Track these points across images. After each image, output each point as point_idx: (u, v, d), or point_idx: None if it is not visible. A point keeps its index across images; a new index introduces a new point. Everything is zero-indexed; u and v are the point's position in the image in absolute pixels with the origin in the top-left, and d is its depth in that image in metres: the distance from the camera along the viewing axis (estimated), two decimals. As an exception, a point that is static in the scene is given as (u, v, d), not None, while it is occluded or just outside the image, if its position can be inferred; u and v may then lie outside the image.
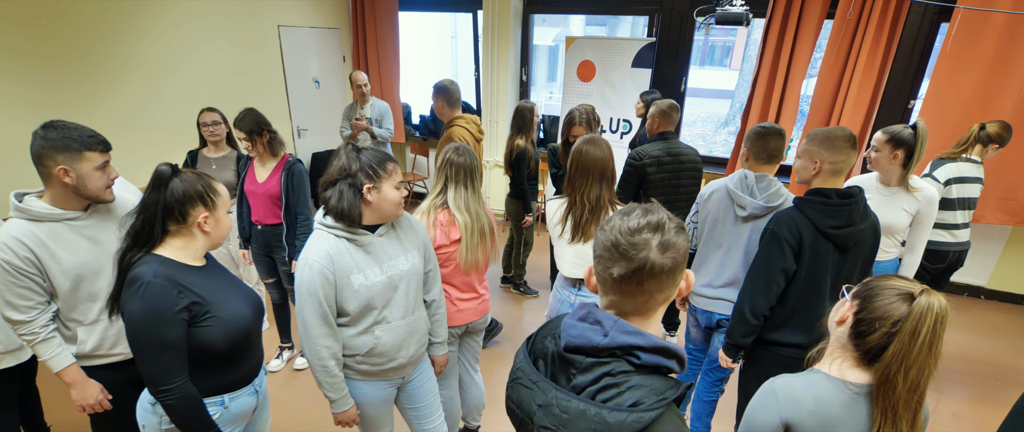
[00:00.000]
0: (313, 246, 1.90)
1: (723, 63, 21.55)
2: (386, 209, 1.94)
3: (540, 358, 1.17)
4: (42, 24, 4.07)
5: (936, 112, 4.52)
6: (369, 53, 6.98)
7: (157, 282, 1.59)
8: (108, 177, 1.98)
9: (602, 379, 1.03)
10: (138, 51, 4.72)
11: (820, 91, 5.00)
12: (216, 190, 1.73)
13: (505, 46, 6.42)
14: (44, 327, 1.98)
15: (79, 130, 1.91)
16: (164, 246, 1.72)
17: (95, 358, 2.13)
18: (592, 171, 2.42)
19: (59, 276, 1.96)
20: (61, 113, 4.21)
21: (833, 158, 2.14)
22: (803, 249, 2.17)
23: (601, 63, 5.80)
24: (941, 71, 4.46)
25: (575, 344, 1.07)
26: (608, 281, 1.09)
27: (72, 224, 1.99)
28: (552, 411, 1.06)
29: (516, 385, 1.17)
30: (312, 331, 1.92)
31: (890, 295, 1.34)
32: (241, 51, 5.68)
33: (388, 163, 1.92)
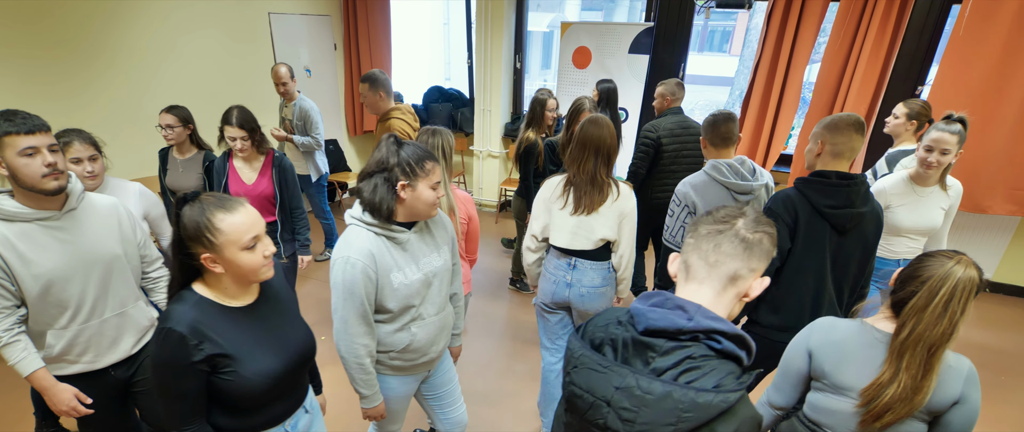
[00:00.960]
0: (354, 244, 1.84)
1: (722, 49, 21.34)
2: (419, 209, 1.89)
3: (605, 345, 1.20)
4: (33, 16, 4.02)
5: (945, 98, 4.37)
6: (360, 40, 6.82)
7: (178, 332, 1.45)
8: (42, 163, 1.76)
9: (683, 362, 1.09)
10: (128, 41, 4.64)
11: (824, 77, 4.84)
12: (214, 227, 1.46)
13: (499, 32, 6.26)
14: (7, 331, 1.86)
15: (5, 115, 1.76)
16: (202, 282, 1.59)
17: (62, 363, 2.02)
18: (588, 146, 2.51)
19: (28, 280, 1.84)
20: (52, 106, 4.20)
21: (834, 140, 2.18)
22: (798, 228, 2.23)
23: (597, 49, 5.65)
24: (951, 55, 4.30)
25: (657, 327, 1.12)
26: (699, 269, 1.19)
27: (44, 225, 1.86)
28: (632, 393, 1.09)
29: (582, 371, 1.19)
30: (351, 329, 1.90)
31: (930, 260, 1.50)
32: (231, 39, 5.56)
33: (427, 162, 1.86)
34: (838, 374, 1.64)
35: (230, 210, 1.49)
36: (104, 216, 2.04)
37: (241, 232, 1.48)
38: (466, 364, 3.84)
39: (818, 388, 1.72)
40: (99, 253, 1.99)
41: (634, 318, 1.18)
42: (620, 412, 1.10)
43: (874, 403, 1.55)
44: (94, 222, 2.00)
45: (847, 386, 1.63)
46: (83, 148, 2.44)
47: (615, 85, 4.56)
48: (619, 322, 1.22)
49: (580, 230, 2.61)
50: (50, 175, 1.79)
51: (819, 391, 1.72)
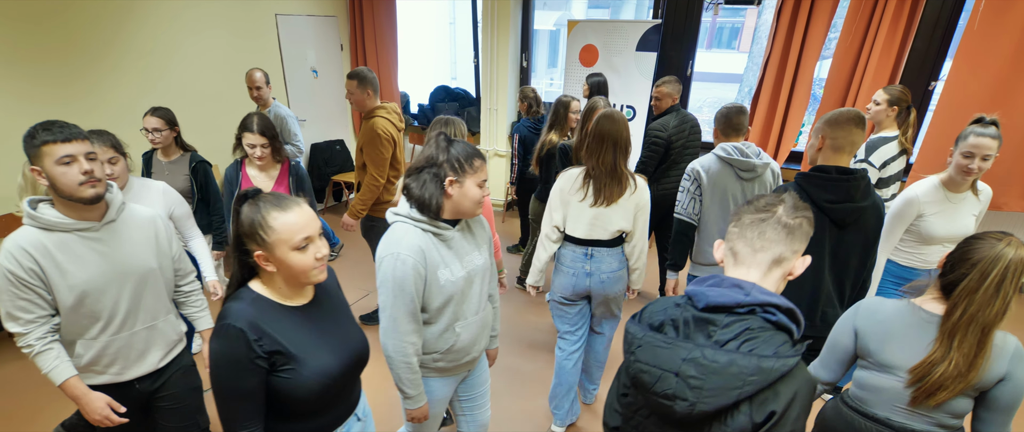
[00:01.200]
0: (403, 240, 1.83)
1: (731, 46, 21.22)
2: (465, 206, 1.89)
3: (666, 325, 1.31)
4: (42, 18, 4.05)
5: (959, 93, 4.29)
6: (367, 41, 6.81)
7: (236, 327, 1.45)
8: (79, 171, 1.76)
9: (743, 333, 1.19)
10: (135, 43, 4.66)
11: (835, 73, 4.78)
12: (267, 225, 1.46)
13: (505, 31, 6.23)
14: (40, 339, 1.85)
15: (44, 125, 1.76)
16: (259, 280, 1.58)
17: (89, 373, 2.00)
18: (607, 140, 2.60)
19: (63, 290, 1.83)
20: (62, 107, 4.24)
21: (834, 135, 2.22)
22: None
23: (604, 47, 5.60)
24: (966, 50, 4.22)
25: (717, 303, 1.23)
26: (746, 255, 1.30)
27: (83, 236, 1.85)
28: (699, 363, 1.19)
29: (647, 349, 1.29)
30: (400, 327, 1.88)
31: (978, 242, 1.55)
32: (238, 40, 5.57)
33: (476, 159, 1.87)
34: (884, 353, 1.71)
35: (285, 209, 1.48)
36: (142, 228, 2.03)
37: (293, 232, 1.47)
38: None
39: (864, 366, 1.79)
40: (135, 266, 1.98)
41: (692, 299, 1.29)
42: (689, 381, 1.20)
43: (925, 380, 1.60)
44: (132, 234, 1.99)
45: (893, 364, 1.69)
46: (102, 150, 2.43)
47: (604, 78, 4.65)
48: (676, 304, 1.33)
49: (598, 221, 2.71)
50: (87, 183, 1.78)
51: (865, 369, 1.78)
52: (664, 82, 4.26)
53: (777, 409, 1.16)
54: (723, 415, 1.20)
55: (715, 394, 1.18)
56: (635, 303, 4.69)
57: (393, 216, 1.91)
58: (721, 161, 2.89)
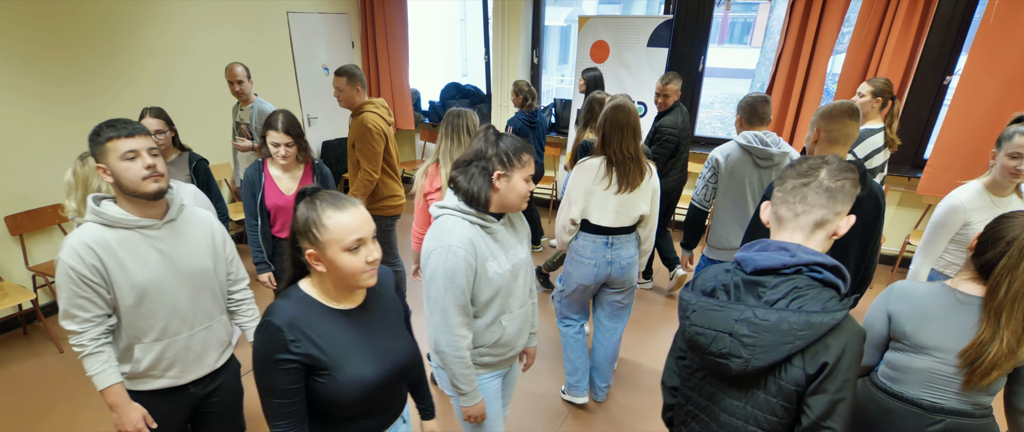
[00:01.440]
0: (453, 232, 1.83)
1: (743, 41, 21.08)
2: (511, 200, 1.89)
3: (717, 290, 1.40)
4: (54, 17, 4.09)
5: (975, 88, 4.26)
6: (378, 38, 6.84)
7: (275, 324, 1.43)
8: (142, 166, 1.77)
9: (791, 292, 1.27)
10: (148, 41, 4.71)
11: (848, 68, 4.74)
12: (320, 224, 1.43)
13: (516, 27, 6.23)
14: (94, 340, 1.84)
15: (108, 122, 1.77)
16: (309, 280, 1.56)
17: (147, 379, 1.98)
18: (626, 127, 2.67)
19: (125, 288, 1.82)
20: (76, 105, 4.29)
21: (829, 127, 2.26)
22: None
23: (615, 43, 5.59)
24: (981, 44, 4.18)
25: (764, 266, 1.32)
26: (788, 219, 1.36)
27: (145, 233, 1.85)
28: (751, 322, 1.29)
29: (701, 313, 1.39)
30: (451, 320, 1.87)
31: (1009, 221, 1.60)
32: (250, 38, 5.61)
33: (524, 154, 1.87)
34: (920, 334, 1.74)
35: (340, 208, 1.44)
36: (200, 229, 2.02)
37: (345, 232, 1.43)
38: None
39: (898, 348, 1.81)
40: (194, 266, 1.97)
41: (741, 264, 1.38)
42: (742, 340, 1.30)
43: (978, 361, 1.62)
44: (192, 234, 1.98)
45: (930, 345, 1.72)
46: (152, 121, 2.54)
47: (600, 72, 4.74)
48: (726, 270, 1.42)
49: (623, 208, 2.78)
50: (150, 177, 1.79)
51: (899, 351, 1.81)
52: (672, 79, 4.30)
53: (829, 360, 1.23)
54: (777, 369, 1.29)
55: (767, 350, 1.27)
56: (643, 294, 4.69)
57: (439, 209, 1.91)
58: (742, 149, 2.96)
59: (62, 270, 1.75)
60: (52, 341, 3.99)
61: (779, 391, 1.30)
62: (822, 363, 1.24)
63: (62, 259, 1.74)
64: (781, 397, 1.30)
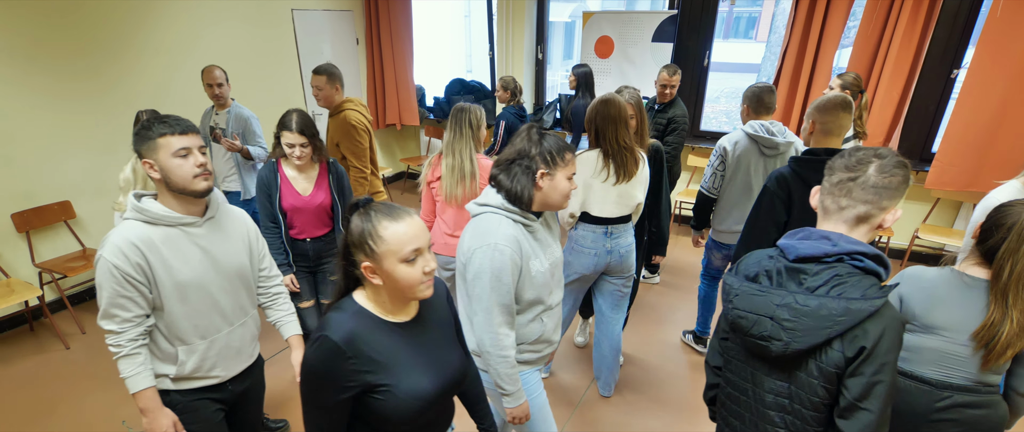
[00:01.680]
0: (497, 231, 1.81)
1: (748, 35, 21.01)
2: (554, 199, 1.89)
3: (760, 275, 1.45)
4: (61, 12, 4.11)
5: (982, 81, 4.22)
6: (382, 35, 6.83)
7: (333, 340, 1.37)
8: (194, 164, 1.75)
9: (832, 280, 1.32)
10: (154, 37, 4.72)
11: (855, 62, 4.72)
12: (376, 235, 1.38)
13: (520, 23, 6.22)
14: (132, 341, 1.79)
15: (159, 118, 1.75)
16: (363, 292, 1.50)
17: (193, 380, 1.96)
18: (618, 119, 2.72)
19: (168, 287, 1.79)
20: (82, 102, 4.31)
21: (823, 119, 2.39)
22: (792, 201, 2.45)
23: (620, 38, 5.58)
24: (988, 38, 4.15)
25: (807, 254, 1.36)
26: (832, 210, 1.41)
27: (187, 230, 1.82)
28: (792, 307, 1.34)
29: (744, 297, 1.45)
30: (495, 319, 1.85)
31: (1009, 208, 1.69)
32: (254, 35, 5.62)
33: (567, 153, 1.87)
34: (929, 315, 1.81)
35: (396, 219, 1.40)
36: (237, 225, 2.01)
37: (402, 242, 1.38)
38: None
39: (909, 330, 1.87)
40: (233, 263, 1.96)
41: (784, 251, 1.42)
42: (782, 323, 1.35)
43: (993, 342, 1.69)
44: (229, 231, 1.96)
45: (940, 325, 1.79)
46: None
47: (590, 69, 4.92)
48: (769, 257, 1.48)
49: (622, 198, 2.84)
50: (201, 175, 1.77)
51: (909, 332, 1.87)
52: (675, 72, 4.32)
53: (867, 345, 1.28)
54: (817, 352, 1.34)
55: (807, 334, 1.32)
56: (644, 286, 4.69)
57: (479, 207, 1.89)
58: (749, 138, 3.10)
59: (104, 268, 1.71)
60: (58, 338, 4.01)
61: (820, 373, 1.35)
62: (860, 347, 1.29)
63: (105, 257, 1.70)
64: (822, 378, 1.35)
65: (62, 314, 4.32)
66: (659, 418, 3.28)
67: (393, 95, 7.06)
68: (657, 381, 3.60)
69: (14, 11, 3.84)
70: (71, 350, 3.91)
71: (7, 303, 3.67)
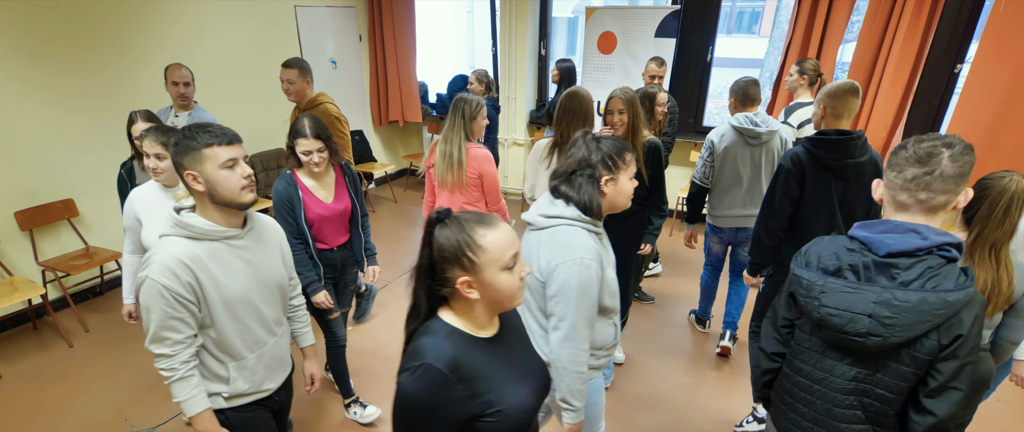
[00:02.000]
0: (579, 244, 1.76)
1: (751, 30, 20.92)
2: (619, 202, 1.87)
3: (843, 270, 1.47)
4: (64, 10, 4.11)
5: (987, 75, 4.20)
6: (385, 31, 6.82)
7: (437, 369, 1.25)
8: (240, 175, 1.68)
9: (925, 273, 1.35)
10: (157, 35, 4.73)
11: (859, 57, 4.70)
12: (476, 244, 1.29)
13: (523, 19, 6.21)
14: (185, 363, 1.72)
15: (202, 127, 1.66)
16: (449, 310, 1.38)
17: (245, 396, 1.93)
18: (577, 112, 2.89)
19: (217, 304, 1.73)
20: (86, 98, 4.32)
21: (833, 104, 2.58)
22: (805, 178, 2.65)
23: (623, 34, 5.56)
24: (992, 32, 4.12)
25: (898, 249, 1.38)
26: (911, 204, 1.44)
27: (230, 243, 1.75)
28: (891, 304, 1.36)
29: (833, 295, 1.46)
30: (579, 334, 1.80)
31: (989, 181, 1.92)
32: (258, 32, 5.62)
33: (627, 153, 1.84)
34: None
35: (491, 226, 1.31)
36: (272, 235, 1.96)
37: (503, 250, 1.30)
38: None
39: None
40: (273, 273, 1.91)
41: (869, 245, 1.44)
42: (883, 321, 1.37)
43: None
44: (266, 241, 1.91)
45: None
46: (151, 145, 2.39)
47: (573, 64, 5.12)
48: (848, 249, 1.49)
49: None
50: (248, 187, 1.71)
51: None
52: (662, 63, 4.43)
53: (963, 332, 1.33)
54: (912, 342, 1.37)
55: (907, 328, 1.36)
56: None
57: (548, 219, 1.84)
58: (734, 130, 3.31)
59: (152, 290, 1.62)
60: (62, 336, 4.02)
61: (912, 361, 1.39)
62: (956, 335, 1.34)
63: (153, 279, 1.61)
64: (914, 366, 1.39)
65: (65, 312, 4.33)
66: (660, 414, 3.30)
67: (396, 92, 7.05)
68: (657, 376, 3.63)
69: (19, 9, 3.85)
70: (74, 348, 3.92)
71: (10, 301, 3.67)
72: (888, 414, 1.46)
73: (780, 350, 1.69)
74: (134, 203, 2.45)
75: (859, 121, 4.79)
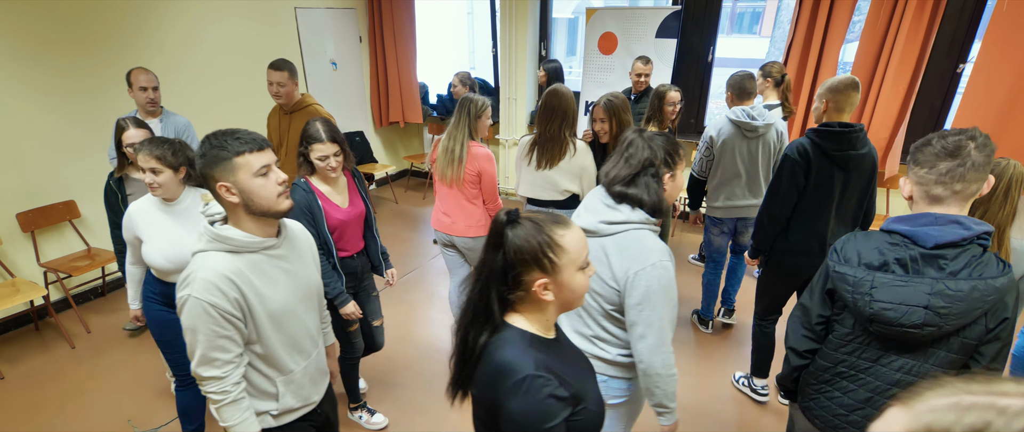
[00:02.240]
0: (654, 248, 1.74)
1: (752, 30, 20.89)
2: (674, 196, 1.89)
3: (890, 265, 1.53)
4: (65, 12, 4.11)
5: (989, 75, 4.19)
6: (385, 32, 6.82)
7: (541, 375, 1.22)
8: (275, 182, 1.60)
9: (971, 262, 1.44)
10: (158, 36, 4.73)
11: (861, 57, 4.69)
12: (556, 245, 1.25)
13: (523, 20, 6.20)
14: (236, 384, 1.65)
15: (229, 134, 1.56)
16: (519, 315, 1.34)
17: (294, 412, 1.86)
18: (556, 110, 2.96)
19: (263, 318, 1.65)
20: (88, 100, 4.32)
21: (835, 98, 2.69)
22: (810, 167, 2.73)
23: (623, 34, 5.55)
24: (995, 31, 4.11)
25: (945, 240, 1.46)
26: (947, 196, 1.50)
27: (269, 254, 1.67)
28: (945, 294, 1.44)
29: (885, 289, 1.52)
30: (667, 337, 1.78)
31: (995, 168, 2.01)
32: (257, 34, 5.62)
33: (680, 148, 1.86)
34: None
35: (567, 225, 1.29)
36: (304, 240, 1.88)
37: (579, 249, 1.29)
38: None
39: None
40: (311, 280, 1.85)
41: (913, 238, 1.51)
42: (938, 310, 1.45)
43: None
44: (300, 247, 1.83)
45: None
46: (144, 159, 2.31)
47: (560, 64, 5.30)
48: (890, 244, 1.56)
49: (547, 183, 3.08)
50: (283, 194, 1.63)
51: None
52: (648, 62, 4.56)
53: (1008, 315, 1.44)
54: (962, 329, 1.46)
55: (961, 316, 1.44)
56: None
57: (614, 226, 1.80)
58: (731, 124, 3.44)
59: (198, 310, 1.53)
60: (64, 337, 4.02)
61: (961, 347, 1.48)
62: (1003, 318, 1.44)
63: (197, 297, 1.53)
64: (962, 352, 1.48)
65: (67, 313, 4.32)
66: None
67: (396, 93, 7.05)
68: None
69: (19, 11, 3.85)
70: (76, 350, 3.92)
71: (12, 303, 3.67)
72: None
73: (813, 347, 1.76)
74: (133, 220, 2.42)
75: (862, 120, 4.78)
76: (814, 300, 1.73)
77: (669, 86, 3.79)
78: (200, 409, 2.84)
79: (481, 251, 1.34)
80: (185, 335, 1.59)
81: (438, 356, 3.84)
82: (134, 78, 3.72)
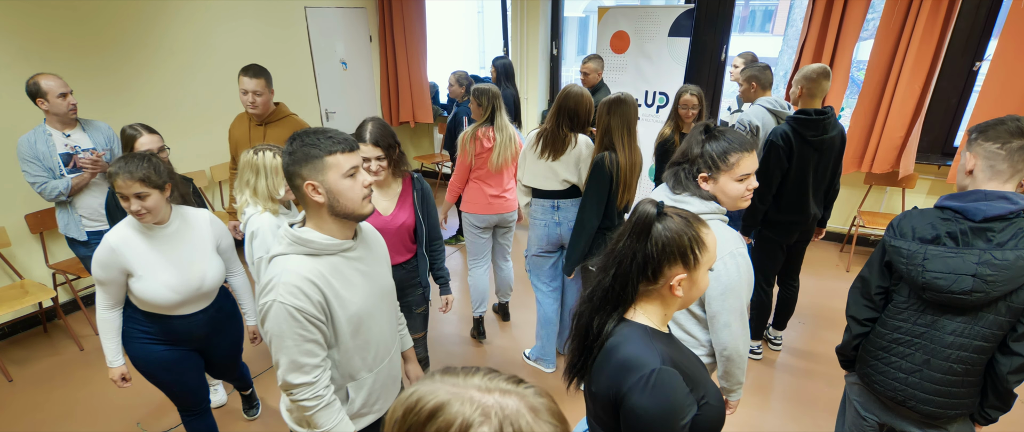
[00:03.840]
0: (729, 236, 1.79)
1: (765, 29, 20.70)
2: (726, 203, 1.85)
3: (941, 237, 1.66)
4: (74, 13, 4.12)
5: (1006, 74, 4.12)
6: (396, 32, 6.81)
7: (668, 371, 1.20)
8: (362, 184, 1.56)
9: (1017, 233, 1.57)
10: (168, 37, 4.74)
11: (876, 56, 4.62)
12: (701, 242, 1.26)
13: (534, 19, 6.17)
14: (326, 388, 1.60)
15: (321, 133, 1.53)
16: (638, 309, 1.33)
17: (359, 419, 1.81)
18: (563, 108, 3.06)
19: (342, 321, 1.62)
20: (98, 101, 4.32)
21: (809, 85, 3.09)
22: (793, 153, 3.09)
23: (636, 33, 5.49)
24: (1011, 28, 4.04)
25: (994, 214, 1.59)
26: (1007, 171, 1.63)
27: (347, 256, 1.64)
28: (992, 263, 1.57)
29: (936, 260, 1.66)
30: (745, 321, 1.85)
31: None
32: (269, 34, 5.64)
33: (731, 154, 1.76)
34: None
35: (706, 224, 1.30)
36: (377, 241, 1.84)
37: (714, 248, 1.31)
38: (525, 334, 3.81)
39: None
40: (387, 282, 1.81)
41: (964, 212, 1.63)
42: (985, 278, 1.58)
43: None
44: (375, 249, 1.79)
45: None
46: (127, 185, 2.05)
47: (509, 60, 5.27)
48: (942, 219, 1.68)
49: (548, 173, 3.17)
50: (367, 196, 1.59)
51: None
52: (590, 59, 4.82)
53: None
54: (1009, 295, 1.60)
55: (1007, 283, 1.58)
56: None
57: (703, 217, 1.75)
58: (770, 113, 3.60)
59: (282, 315, 1.49)
60: (72, 339, 4.03)
61: (1008, 310, 1.62)
62: None
63: (281, 302, 1.49)
64: (1009, 315, 1.62)
65: (76, 315, 4.34)
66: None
67: (407, 93, 7.04)
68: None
69: (28, 12, 3.87)
70: (85, 351, 3.92)
71: (21, 304, 3.68)
72: (979, 361, 1.70)
73: (872, 316, 1.89)
74: (119, 254, 2.11)
75: (877, 119, 4.72)
76: (873, 272, 1.86)
77: (687, 87, 3.71)
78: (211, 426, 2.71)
79: (619, 239, 1.32)
80: (269, 343, 1.55)
81: (438, 356, 3.83)
82: (47, 86, 3.25)
